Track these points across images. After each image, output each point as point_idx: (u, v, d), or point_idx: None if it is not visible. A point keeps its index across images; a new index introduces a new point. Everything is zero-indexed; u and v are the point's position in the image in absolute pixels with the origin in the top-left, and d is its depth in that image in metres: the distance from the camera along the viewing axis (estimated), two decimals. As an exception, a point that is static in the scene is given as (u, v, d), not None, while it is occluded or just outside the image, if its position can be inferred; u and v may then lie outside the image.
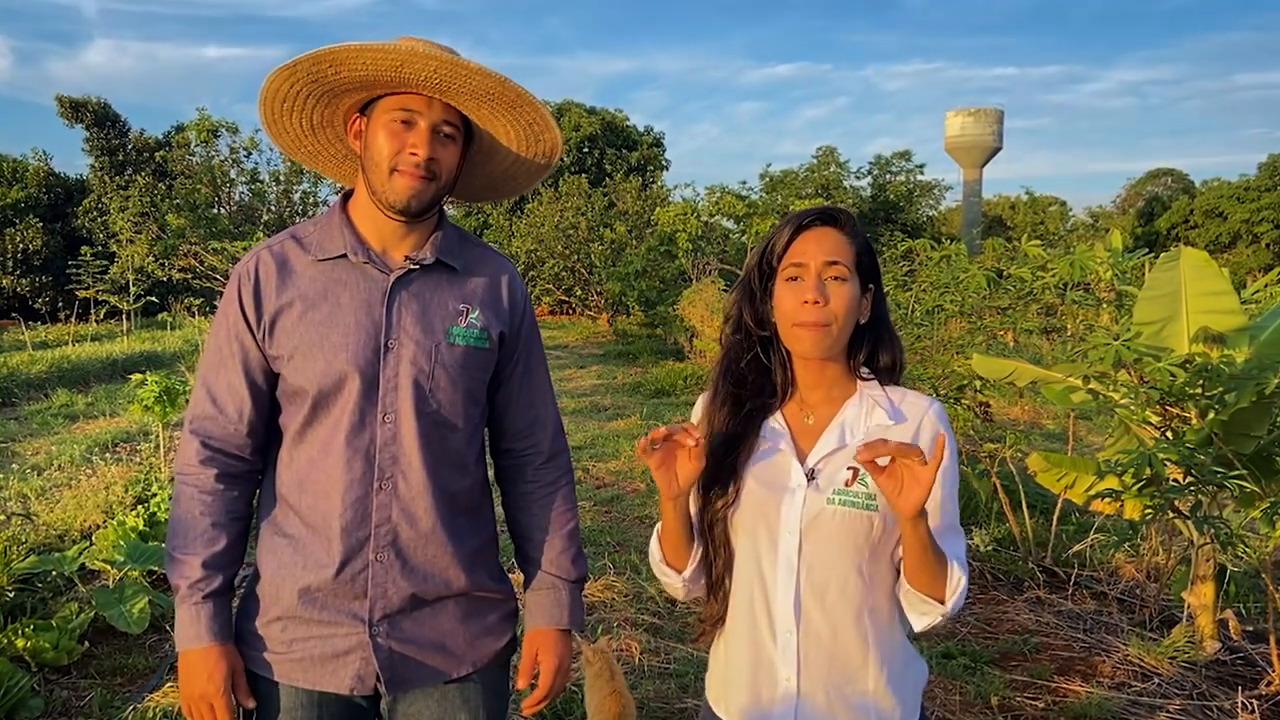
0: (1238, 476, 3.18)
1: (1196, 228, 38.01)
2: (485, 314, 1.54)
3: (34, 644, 3.43)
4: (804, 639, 1.39)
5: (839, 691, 1.39)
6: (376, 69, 1.40)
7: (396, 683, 1.51)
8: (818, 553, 1.38)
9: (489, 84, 1.43)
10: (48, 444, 7.84)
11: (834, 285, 1.36)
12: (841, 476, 1.37)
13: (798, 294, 1.36)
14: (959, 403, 4.76)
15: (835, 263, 1.36)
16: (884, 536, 1.37)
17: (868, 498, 1.35)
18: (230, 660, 1.48)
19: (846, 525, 1.36)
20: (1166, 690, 3.34)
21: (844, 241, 1.38)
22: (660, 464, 1.33)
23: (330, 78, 1.44)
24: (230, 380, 1.50)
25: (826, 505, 1.36)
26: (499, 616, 1.63)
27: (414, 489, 1.49)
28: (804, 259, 1.37)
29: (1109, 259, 4.00)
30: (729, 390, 1.46)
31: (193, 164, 19.84)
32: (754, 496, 1.41)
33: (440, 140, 1.46)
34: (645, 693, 3.37)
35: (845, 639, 1.38)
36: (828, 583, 1.38)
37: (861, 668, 1.39)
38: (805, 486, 1.38)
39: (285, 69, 1.44)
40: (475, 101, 1.47)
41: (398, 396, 1.47)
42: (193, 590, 1.46)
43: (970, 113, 51.66)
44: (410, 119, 1.44)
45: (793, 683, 1.39)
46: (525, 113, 1.50)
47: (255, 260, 1.51)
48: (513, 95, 1.46)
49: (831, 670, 1.39)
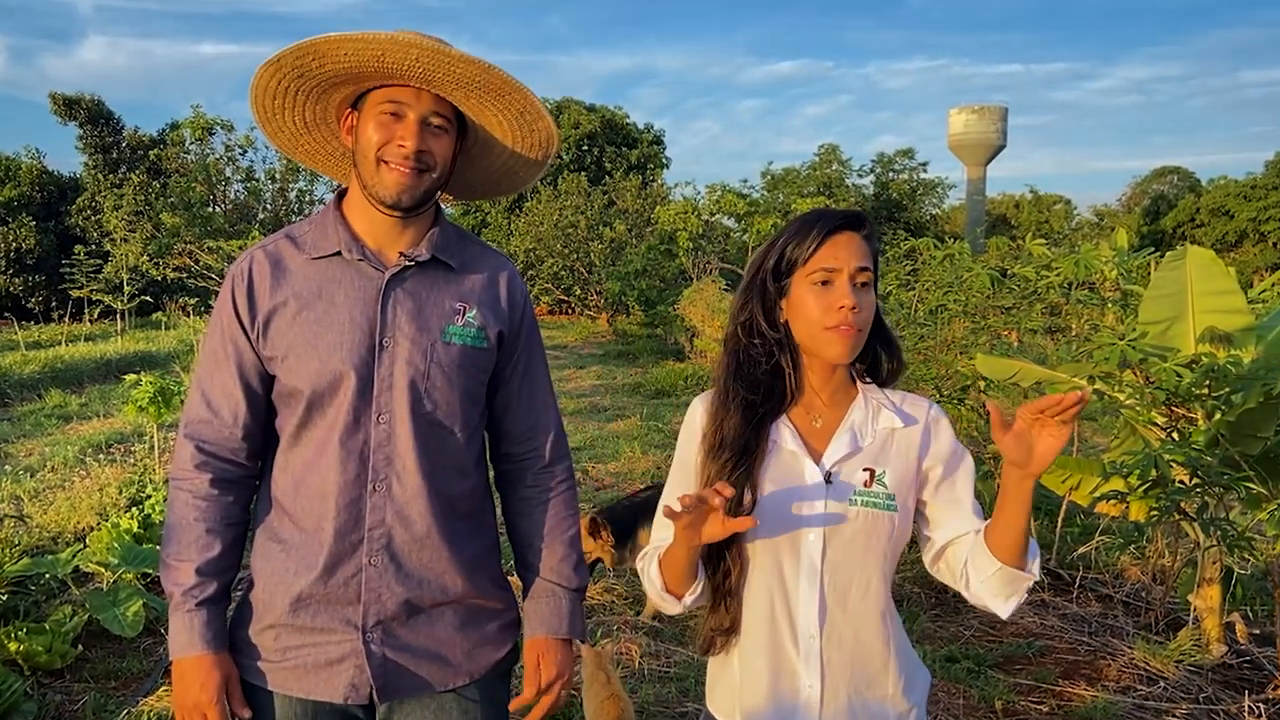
0: (1244, 478, 3.18)
1: (1203, 226, 37.90)
2: (483, 313, 1.51)
3: (27, 647, 3.41)
4: (827, 644, 1.38)
5: (860, 696, 1.38)
6: (359, 59, 1.38)
7: (390, 692, 1.48)
8: (841, 555, 1.37)
9: (474, 71, 1.39)
10: (41, 445, 7.79)
11: (864, 292, 1.37)
12: (860, 478, 1.37)
13: (830, 299, 1.35)
14: (962, 403, 4.75)
15: (865, 269, 1.37)
16: (901, 538, 1.38)
17: (888, 498, 1.36)
18: (224, 669, 1.45)
19: (870, 526, 1.36)
20: (1172, 694, 3.33)
21: (864, 246, 1.39)
22: (689, 525, 1.29)
23: (315, 71, 1.42)
24: (225, 383, 1.47)
25: (850, 506, 1.36)
26: (499, 626, 1.59)
27: (409, 491, 1.45)
28: (837, 264, 1.36)
29: (1114, 258, 4.00)
30: (742, 396, 1.41)
31: (187, 162, 19.70)
32: (772, 501, 1.38)
33: (431, 132, 1.43)
34: (645, 697, 3.35)
35: (868, 642, 1.38)
36: (850, 585, 1.38)
37: (883, 671, 1.39)
38: (824, 489, 1.37)
39: (270, 64, 1.42)
40: (463, 91, 1.44)
41: (392, 396, 1.44)
42: (186, 597, 1.43)
43: (974, 110, 51.60)
44: (399, 110, 1.42)
45: (816, 689, 1.38)
46: (514, 101, 1.46)
47: (249, 260, 1.49)
48: (499, 82, 1.42)
49: (854, 675, 1.39)
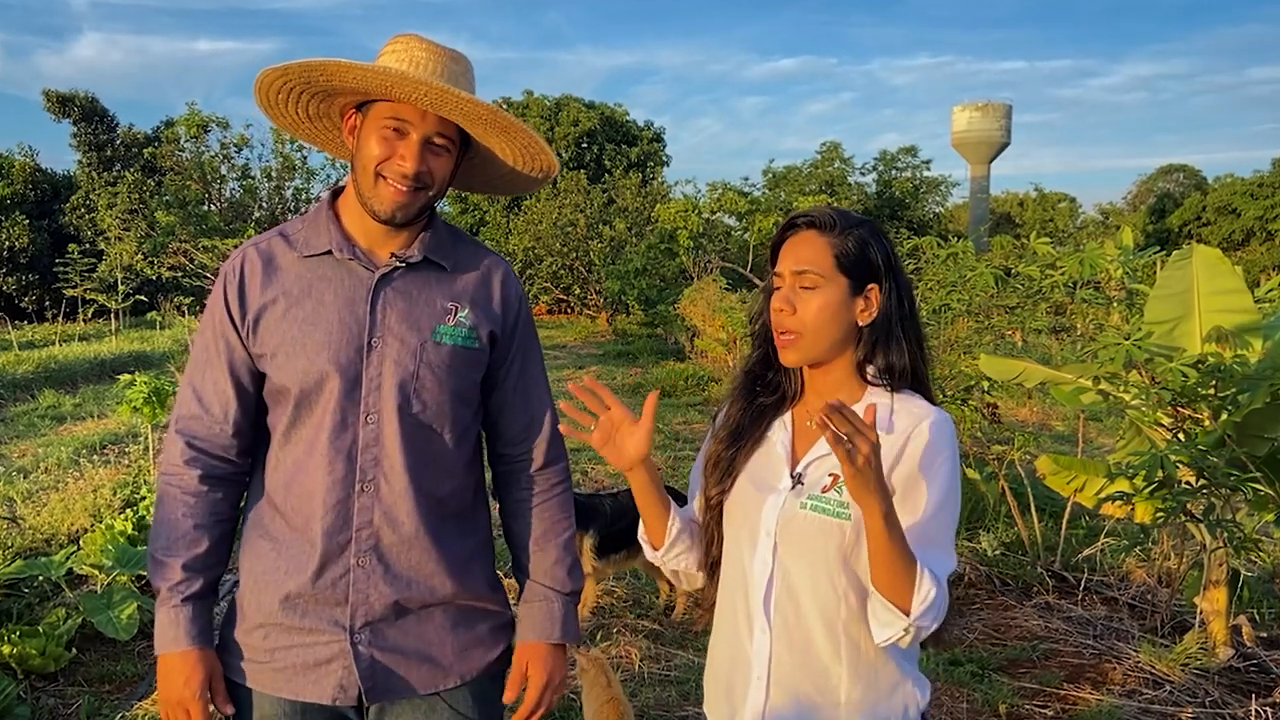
0: (1251, 479, 3.18)
1: (1209, 225, 37.81)
2: (475, 313, 1.52)
3: (20, 651, 3.39)
4: (776, 641, 1.38)
5: (809, 700, 1.38)
6: (367, 85, 1.40)
7: (378, 693, 1.48)
8: (791, 557, 1.38)
9: (481, 111, 1.42)
10: (34, 446, 7.76)
11: (802, 295, 1.35)
12: (822, 483, 1.36)
13: (774, 303, 1.39)
14: (966, 404, 4.74)
15: (803, 271, 1.36)
16: (856, 548, 1.33)
17: (840, 505, 1.34)
18: (208, 665, 1.46)
19: (816, 531, 1.35)
20: (1178, 698, 3.32)
21: (821, 245, 1.36)
22: (602, 442, 1.39)
23: (322, 84, 1.44)
24: (216, 379, 1.48)
25: (799, 510, 1.36)
26: (491, 627, 1.58)
27: (396, 492, 1.46)
28: (781, 268, 1.39)
29: (1120, 257, 3.98)
30: (744, 384, 1.49)
31: (182, 160, 19.61)
32: (743, 492, 1.43)
33: (432, 151, 1.44)
34: (645, 700, 3.34)
35: (817, 649, 1.37)
36: (800, 588, 1.37)
37: (834, 682, 1.37)
38: (789, 489, 1.38)
39: (277, 69, 1.43)
40: (469, 121, 1.46)
41: (380, 397, 1.45)
42: (173, 593, 1.44)
43: (978, 107, 51.42)
44: (402, 128, 1.42)
45: (763, 682, 1.39)
46: (519, 137, 1.50)
47: (241, 257, 1.50)
48: (505, 124, 1.45)
49: (802, 679, 1.38)
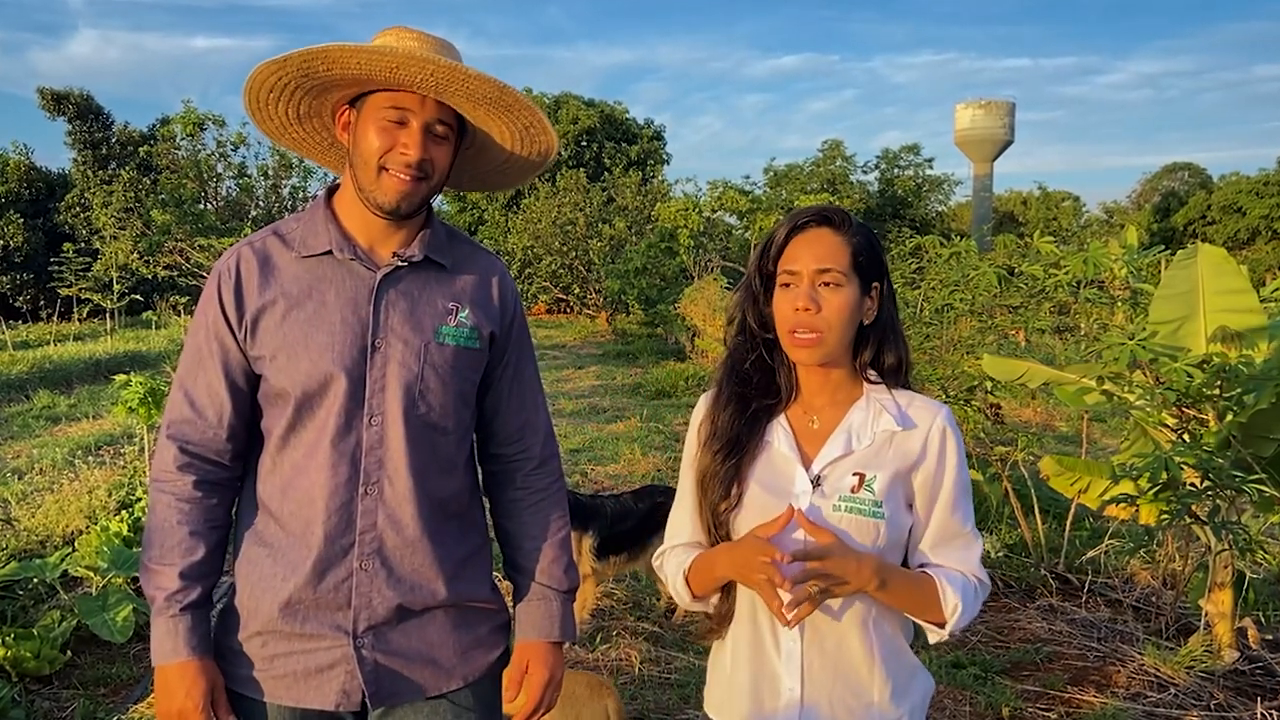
0: (1257, 480, 3.18)
1: (1214, 224, 37.66)
2: (475, 313, 1.52)
3: (14, 653, 3.39)
4: (808, 649, 1.37)
5: (844, 704, 1.36)
6: (371, 69, 1.38)
7: (383, 697, 1.47)
8: None
9: (487, 89, 1.40)
10: (29, 447, 7.75)
11: (826, 292, 1.33)
12: (848, 483, 1.35)
13: (790, 301, 1.35)
14: (969, 404, 4.73)
15: (827, 269, 1.33)
16: (890, 545, 1.35)
17: (874, 505, 1.34)
18: (209, 675, 1.44)
19: (853, 531, 1.34)
20: (1183, 701, 3.30)
21: (839, 243, 1.36)
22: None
23: (322, 74, 1.42)
24: (209, 382, 1.46)
25: (833, 512, 1.34)
26: (490, 628, 1.59)
27: (400, 494, 1.45)
28: (796, 266, 1.35)
29: (1124, 256, 3.97)
30: (734, 390, 1.44)
31: (178, 158, 19.61)
32: (757, 501, 1.38)
33: (434, 139, 1.44)
34: (645, 703, 3.32)
35: (850, 649, 1.37)
36: None
37: (867, 679, 1.37)
38: (810, 493, 1.35)
39: (275, 62, 1.40)
40: (471, 103, 1.44)
41: (385, 398, 1.44)
42: (170, 602, 1.41)
43: (981, 105, 51.23)
44: (403, 117, 1.41)
45: (796, 693, 1.37)
46: (522, 116, 1.48)
47: (236, 257, 1.47)
48: (510, 100, 1.44)
49: (836, 681, 1.37)
